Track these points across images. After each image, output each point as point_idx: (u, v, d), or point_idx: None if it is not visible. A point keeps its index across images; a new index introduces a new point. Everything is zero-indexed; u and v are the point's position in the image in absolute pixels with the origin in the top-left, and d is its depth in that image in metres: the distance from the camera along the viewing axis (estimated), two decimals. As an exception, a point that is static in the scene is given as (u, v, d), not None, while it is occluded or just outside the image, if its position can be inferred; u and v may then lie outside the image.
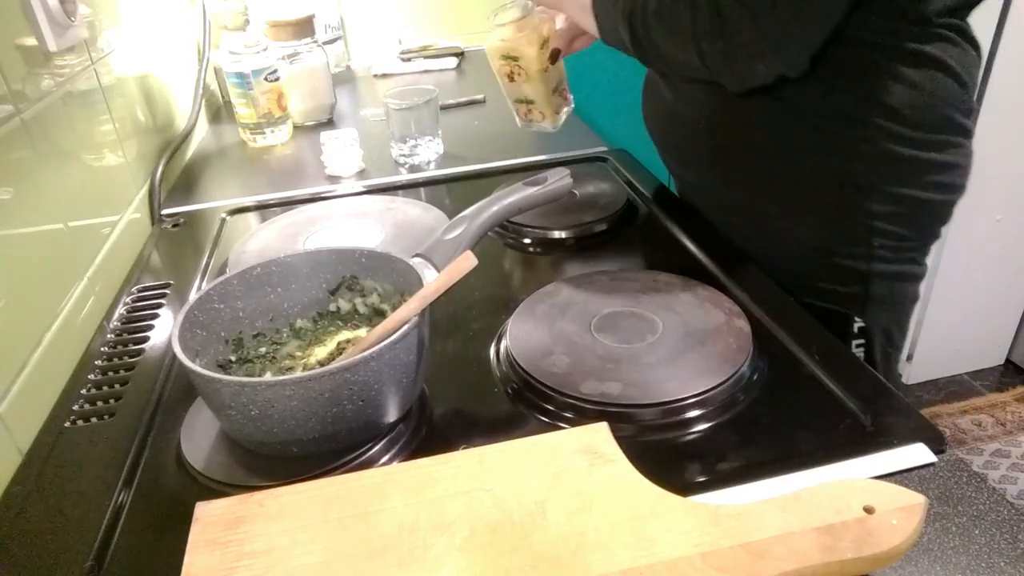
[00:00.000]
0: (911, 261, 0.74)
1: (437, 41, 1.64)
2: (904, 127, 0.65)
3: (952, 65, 0.64)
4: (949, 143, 0.67)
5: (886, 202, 0.68)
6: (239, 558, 0.40)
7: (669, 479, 0.42)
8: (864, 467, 0.47)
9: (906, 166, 0.67)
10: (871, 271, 0.72)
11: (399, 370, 0.50)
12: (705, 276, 0.69)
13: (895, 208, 0.69)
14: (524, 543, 0.39)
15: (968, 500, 0.43)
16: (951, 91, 0.65)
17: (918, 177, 0.68)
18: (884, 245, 0.71)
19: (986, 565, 0.39)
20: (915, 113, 0.65)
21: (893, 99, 0.64)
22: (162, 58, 1.15)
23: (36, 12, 0.71)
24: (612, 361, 0.57)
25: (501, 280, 0.75)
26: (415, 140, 1.06)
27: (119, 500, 0.50)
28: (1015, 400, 1.90)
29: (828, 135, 0.67)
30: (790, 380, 0.56)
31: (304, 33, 1.22)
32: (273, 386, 0.46)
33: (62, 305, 0.68)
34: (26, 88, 0.68)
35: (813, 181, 0.70)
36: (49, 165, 0.70)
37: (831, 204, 0.70)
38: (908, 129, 0.65)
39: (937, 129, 0.66)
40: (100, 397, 0.61)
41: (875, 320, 0.74)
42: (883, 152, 0.66)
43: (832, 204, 0.70)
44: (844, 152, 0.68)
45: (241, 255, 0.79)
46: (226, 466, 0.51)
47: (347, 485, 0.44)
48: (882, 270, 0.72)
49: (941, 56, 0.63)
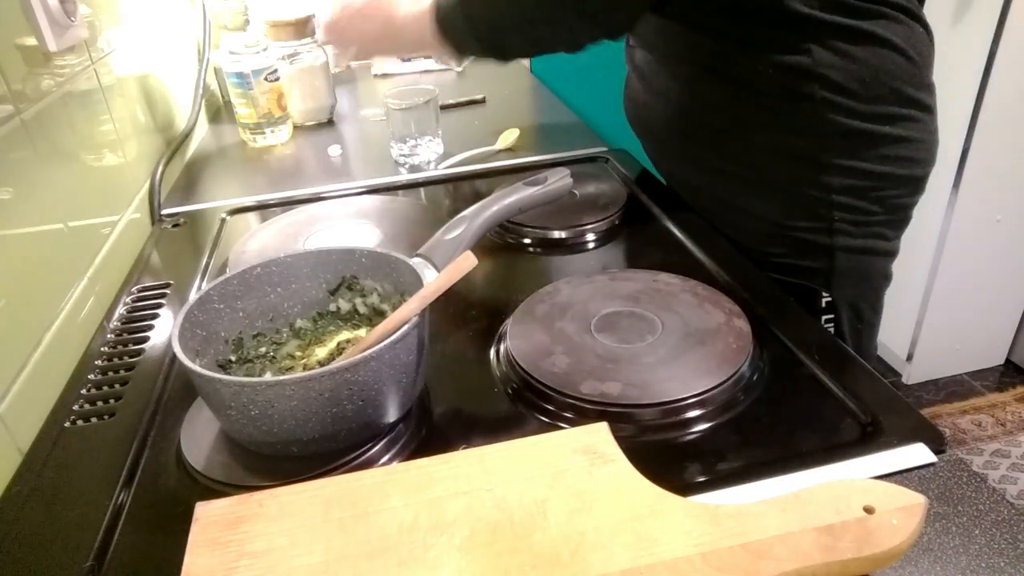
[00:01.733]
0: (877, 236, 0.75)
1: (437, 41, 1.64)
2: (851, 100, 0.67)
3: (897, 43, 0.67)
4: (902, 116, 0.69)
5: (842, 175, 0.70)
6: (239, 558, 0.40)
7: (669, 479, 0.42)
8: (864, 467, 0.47)
9: (857, 139, 0.69)
10: (834, 245, 0.74)
11: (399, 370, 0.50)
12: (705, 276, 0.69)
13: (852, 181, 0.70)
14: (524, 543, 0.39)
15: (968, 500, 0.43)
16: (899, 65, 0.67)
17: (871, 150, 0.70)
18: (844, 219, 0.72)
19: (986, 565, 0.39)
20: (862, 87, 0.67)
21: (836, 74, 0.66)
22: (162, 58, 1.15)
23: (36, 12, 0.71)
24: (612, 361, 0.57)
25: (501, 280, 0.75)
26: (415, 140, 1.06)
27: (119, 500, 0.50)
28: (1015, 400, 1.90)
29: (777, 111, 0.70)
30: (790, 380, 0.56)
31: (304, 33, 1.22)
32: (273, 386, 0.46)
33: (62, 305, 0.68)
34: (26, 88, 0.68)
35: (769, 157, 0.73)
36: (49, 165, 0.70)
37: (788, 179, 0.73)
38: (855, 102, 0.67)
39: (886, 102, 0.68)
40: (100, 397, 0.61)
41: (841, 294, 0.76)
42: (831, 125, 0.68)
43: (789, 179, 0.73)
44: (794, 127, 0.69)
45: (241, 255, 0.79)
46: (226, 466, 0.51)
47: (347, 485, 0.44)
48: (845, 244, 0.74)
49: (884, 34, 0.66)
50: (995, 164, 1.66)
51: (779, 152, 0.71)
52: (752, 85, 0.70)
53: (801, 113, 0.69)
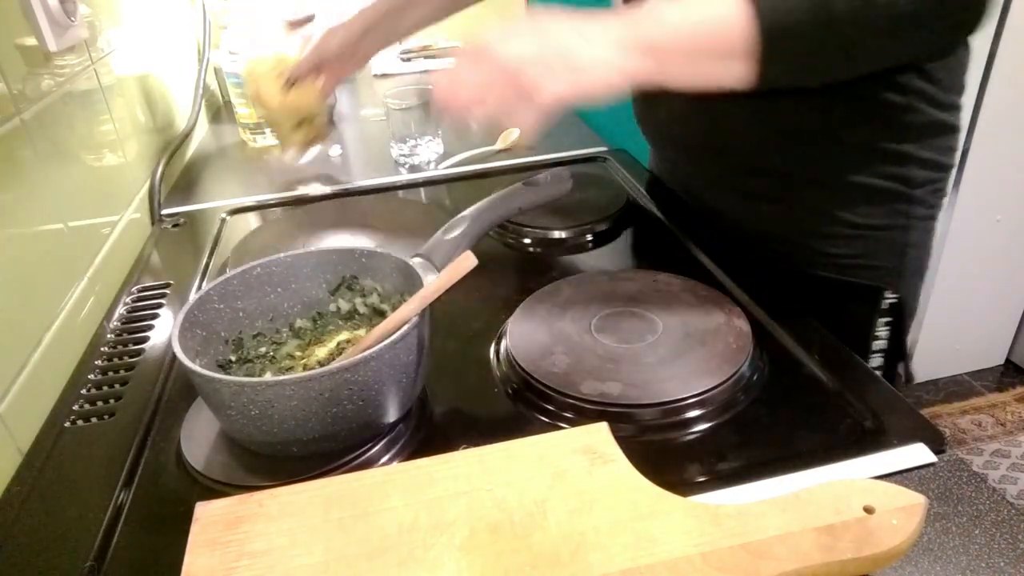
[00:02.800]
0: (933, 230, 0.73)
1: (437, 41, 1.64)
2: (938, 89, 0.65)
3: None
4: (960, 105, 0.68)
5: (921, 167, 0.68)
6: (239, 558, 0.40)
7: (669, 479, 0.42)
8: (864, 467, 0.47)
9: (937, 130, 0.67)
10: (907, 241, 0.71)
11: (399, 370, 0.50)
12: (705, 276, 0.69)
13: (928, 173, 0.69)
14: (524, 543, 0.39)
15: (968, 500, 0.43)
16: (962, 52, 0.67)
17: (944, 141, 0.68)
18: (918, 214, 0.70)
19: (986, 565, 0.39)
20: (947, 75, 0.65)
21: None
22: (162, 58, 1.15)
23: (36, 12, 0.71)
24: (612, 361, 0.57)
25: (501, 280, 0.75)
26: (415, 140, 1.06)
27: (119, 500, 0.50)
28: (1015, 400, 1.90)
29: (870, 104, 0.65)
30: (790, 380, 0.56)
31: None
32: (273, 386, 0.46)
33: (62, 305, 0.68)
34: (26, 88, 0.68)
35: (854, 155, 0.68)
36: (49, 165, 0.70)
37: (870, 176, 0.68)
38: (940, 91, 0.65)
39: (956, 91, 0.67)
40: (100, 397, 0.61)
41: (907, 292, 0.74)
42: (920, 116, 0.66)
43: (871, 176, 0.68)
44: (884, 120, 0.66)
45: (241, 255, 0.79)
46: (226, 466, 0.51)
47: (347, 485, 0.44)
48: (916, 239, 0.72)
49: None
50: (995, 164, 1.65)
51: (865, 148, 0.67)
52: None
53: (893, 105, 0.65)
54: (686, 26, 0.53)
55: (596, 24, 0.53)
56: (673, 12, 0.53)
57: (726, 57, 0.53)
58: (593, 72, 0.52)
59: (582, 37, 0.52)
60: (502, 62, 0.53)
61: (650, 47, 0.52)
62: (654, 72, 0.53)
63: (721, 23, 0.52)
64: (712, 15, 0.53)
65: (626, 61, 0.52)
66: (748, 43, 0.52)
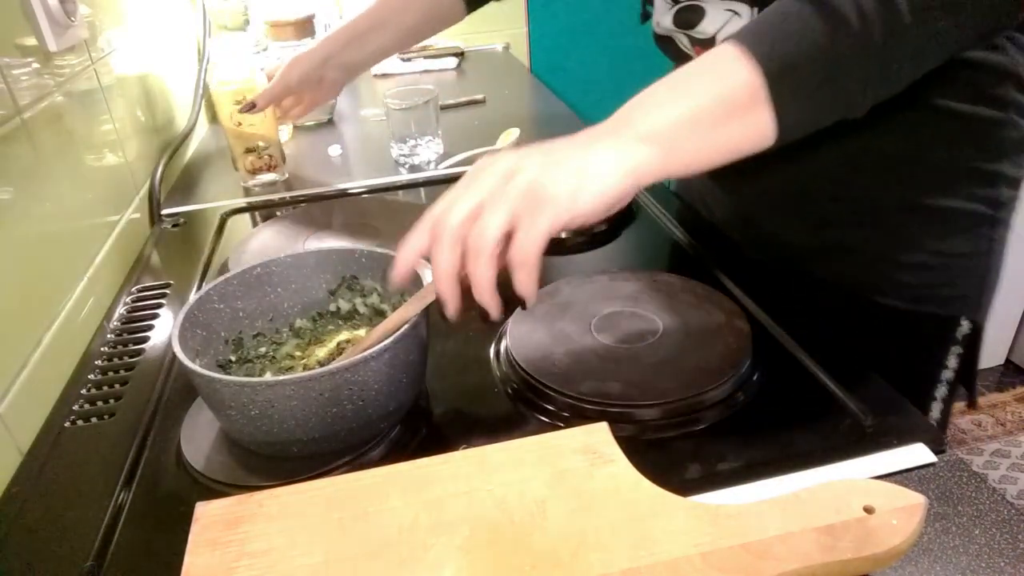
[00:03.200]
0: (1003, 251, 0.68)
1: (437, 41, 1.64)
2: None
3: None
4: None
5: (1009, 187, 0.63)
6: (239, 558, 0.40)
7: (669, 479, 0.42)
8: (864, 467, 0.47)
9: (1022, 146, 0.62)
10: (989, 266, 0.66)
11: (399, 370, 0.50)
12: (705, 276, 0.69)
13: (1012, 192, 0.64)
14: (524, 543, 0.39)
15: (968, 500, 0.43)
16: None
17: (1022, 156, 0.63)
18: (1000, 237, 0.65)
19: (986, 565, 0.39)
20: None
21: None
22: (162, 58, 1.15)
23: (36, 12, 0.71)
24: (612, 361, 0.57)
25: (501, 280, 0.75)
26: (415, 140, 1.06)
27: (119, 500, 0.50)
28: (1015, 400, 1.90)
29: (964, 121, 0.60)
30: (790, 380, 0.56)
31: (304, 33, 1.22)
32: (273, 386, 0.46)
33: (62, 305, 0.68)
34: (26, 88, 0.68)
35: (943, 177, 0.62)
36: (49, 165, 0.70)
37: (961, 198, 0.63)
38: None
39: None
40: (100, 397, 0.61)
41: (982, 319, 0.68)
42: (1015, 131, 0.61)
43: (962, 198, 0.63)
44: (978, 138, 0.61)
45: (241, 255, 0.79)
46: (226, 466, 0.51)
47: (347, 485, 0.44)
48: (995, 263, 0.67)
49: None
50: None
51: (954, 169, 0.62)
52: (939, 92, 0.59)
53: (989, 120, 0.60)
54: (686, 97, 0.46)
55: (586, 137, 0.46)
56: (664, 89, 0.47)
57: (737, 115, 0.46)
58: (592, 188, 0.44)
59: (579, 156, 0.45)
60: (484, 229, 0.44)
61: (652, 134, 0.45)
62: (666, 161, 0.46)
63: (722, 81, 0.46)
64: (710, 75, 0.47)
65: (630, 161, 0.45)
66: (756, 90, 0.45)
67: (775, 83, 0.45)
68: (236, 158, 1.00)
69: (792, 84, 0.46)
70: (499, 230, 0.43)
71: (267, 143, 0.99)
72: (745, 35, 0.47)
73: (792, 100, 0.46)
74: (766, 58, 0.45)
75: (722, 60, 0.47)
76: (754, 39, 0.46)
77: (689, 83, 0.47)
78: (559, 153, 0.46)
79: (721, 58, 0.47)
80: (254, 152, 0.99)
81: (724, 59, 0.46)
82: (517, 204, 0.43)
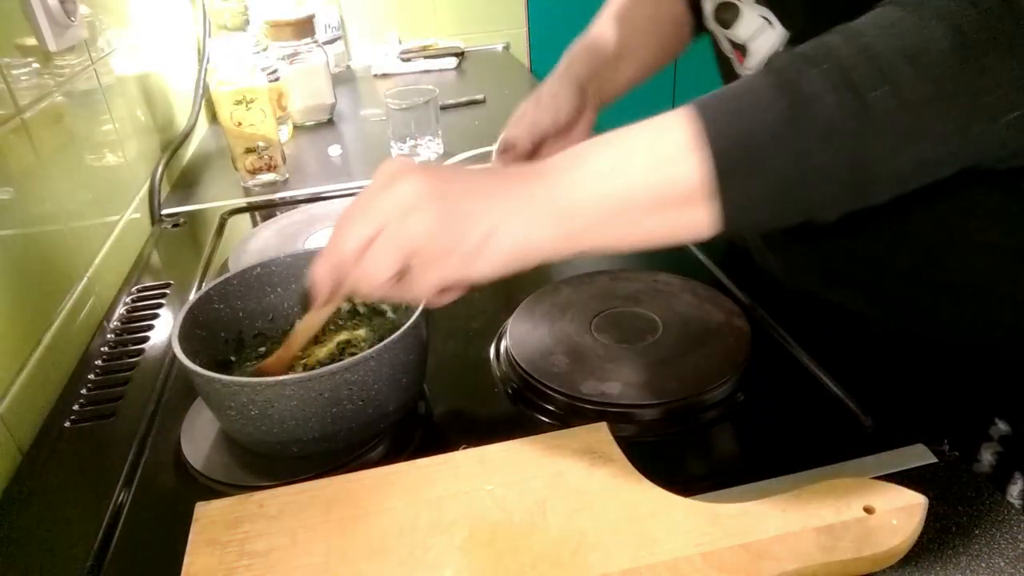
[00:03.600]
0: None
1: (437, 41, 1.64)
2: None
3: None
4: None
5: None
6: (239, 558, 0.40)
7: (669, 479, 0.42)
8: (864, 467, 0.47)
9: None
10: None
11: (399, 370, 0.50)
12: (705, 276, 0.69)
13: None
14: (524, 543, 0.39)
15: (968, 500, 0.43)
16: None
17: None
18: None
19: (986, 565, 0.39)
20: None
21: None
22: (162, 58, 1.15)
23: (36, 12, 0.71)
24: (612, 361, 0.57)
25: (501, 280, 0.75)
26: (415, 140, 1.06)
27: (119, 500, 0.50)
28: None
29: None
30: (790, 380, 0.56)
31: (304, 33, 1.22)
32: (273, 386, 0.46)
33: (62, 305, 0.68)
34: (26, 88, 0.68)
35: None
36: (49, 165, 0.70)
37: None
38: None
39: None
40: (100, 397, 0.61)
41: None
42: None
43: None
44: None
45: (241, 255, 0.79)
46: (226, 466, 0.51)
47: (347, 485, 0.44)
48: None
49: None
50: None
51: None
52: None
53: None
54: (621, 176, 0.39)
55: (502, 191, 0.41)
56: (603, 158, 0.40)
57: (674, 208, 0.39)
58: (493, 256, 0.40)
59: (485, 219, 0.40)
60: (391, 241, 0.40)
61: (574, 213, 0.39)
62: (580, 243, 0.40)
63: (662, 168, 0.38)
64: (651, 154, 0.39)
65: (539, 238, 0.40)
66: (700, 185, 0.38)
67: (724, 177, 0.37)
68: (236, 158, 1.00)
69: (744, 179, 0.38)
70: (388, 274, 0.40)
71: (267, 143, 0.99)
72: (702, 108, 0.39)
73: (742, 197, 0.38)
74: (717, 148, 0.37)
75: (669, 136, 0.39)
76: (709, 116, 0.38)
77: (629, 159, 0.39)
78: (466, 202, 0.40)
79: (669, 132, 0.39)
80: (254, 152, 0.99)
81: (671, 135, 0.39)
82: (407, 253, 0.40)
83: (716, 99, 0.39)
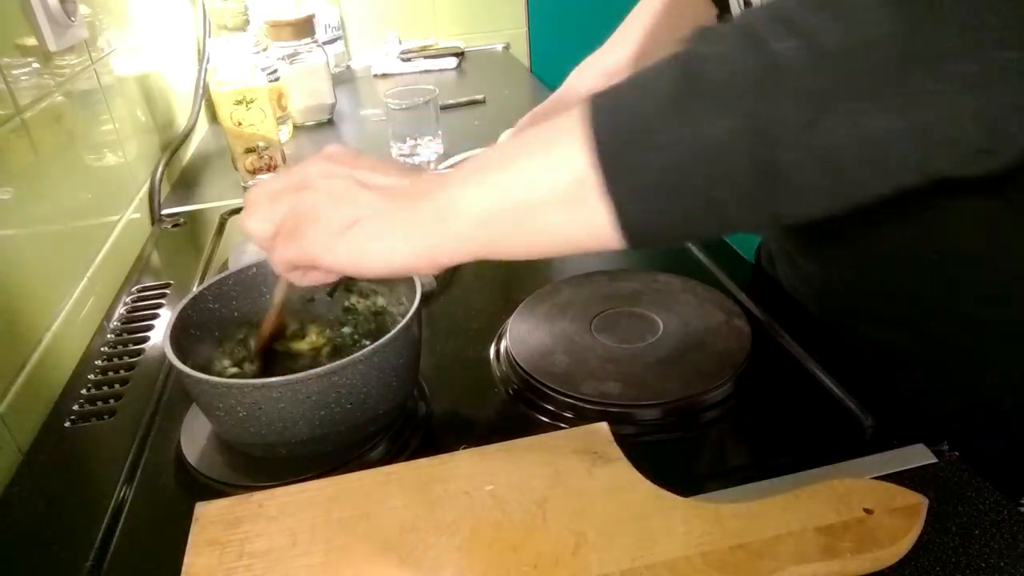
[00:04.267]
0: None
1: (437, 41, 1.64)
2: None
3: None
4: None
5: None
6: (239, 558, 0.40)
7: (669, 479, 0.42)
8: (864, 467, 0.47)
9: None
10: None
11: (389, 373, 0.49)
12: (705, 276, 0.69)
13: None
14: (524, 543, 0.39)
15: (968, 500, 0.43)
16: None
17: None
18: None
19: (986, 565, 0.39)
20: None
21: None
22: (162, 58, 1.15)
23: (36, 12, 0.71)
24: (612, 361, 0.57)
25: (501, 280, 0.75)
26: (415, 140, 1.06)
27: (119, 500, 0.50)
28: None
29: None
30: (790, 380, 0.56)
31: (304, 33, 1.22)
32: (260, 388, 0.45)
33: (62, 305, 0.68)
34: (26, 88, 0.68)
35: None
36: (49, 165, 0.70)
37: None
38: None
39: None
40: (100, 397, 0.61)
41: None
42: None
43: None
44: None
45: (241, 255, 0.78)
46: (226, 466, 0.51)
47: (347, 485, 0.44)
48: None
49: None
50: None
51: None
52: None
53: None
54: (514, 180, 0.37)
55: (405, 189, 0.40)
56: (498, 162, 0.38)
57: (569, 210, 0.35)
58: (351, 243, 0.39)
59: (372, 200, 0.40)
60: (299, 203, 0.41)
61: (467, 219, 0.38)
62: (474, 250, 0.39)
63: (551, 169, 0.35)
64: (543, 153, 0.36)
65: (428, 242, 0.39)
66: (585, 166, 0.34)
67: (607, 158, 0.33)
68: (236, 158, 1.00)
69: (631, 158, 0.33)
70: (262, 227, 0.42)
71: (267, 143, 0.99)
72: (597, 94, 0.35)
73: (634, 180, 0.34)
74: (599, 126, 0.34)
75: (560, 125, 0.36)
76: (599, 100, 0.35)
77: (523, 162, 0.37)
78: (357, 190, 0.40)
79: (562, 123, 0.36)
80: (254, 152, 0.99)
81: (563, 124, 0.35)
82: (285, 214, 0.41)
83: (616, 84, 0.35)
